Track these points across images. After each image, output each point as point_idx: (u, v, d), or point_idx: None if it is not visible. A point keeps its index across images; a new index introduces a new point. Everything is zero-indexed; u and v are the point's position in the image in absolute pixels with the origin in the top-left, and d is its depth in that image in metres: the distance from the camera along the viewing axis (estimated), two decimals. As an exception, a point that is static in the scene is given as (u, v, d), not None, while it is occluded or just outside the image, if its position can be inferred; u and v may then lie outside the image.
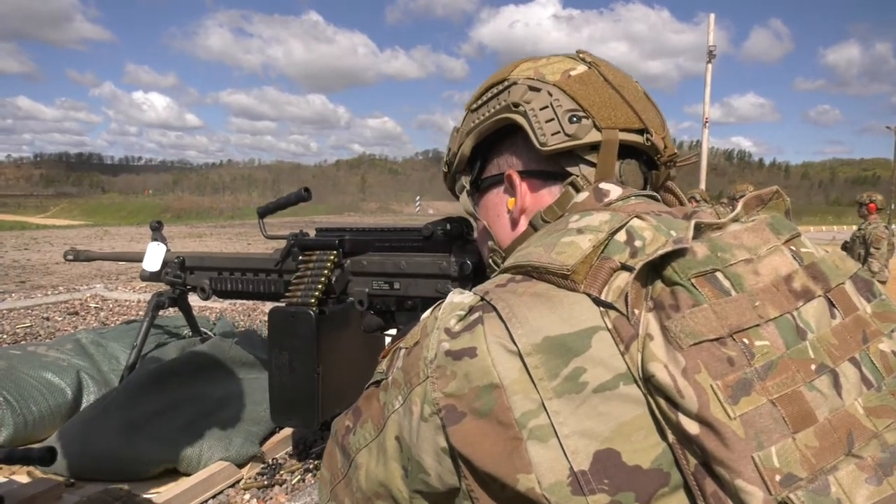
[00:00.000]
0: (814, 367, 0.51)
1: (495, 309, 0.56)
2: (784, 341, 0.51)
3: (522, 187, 0.75)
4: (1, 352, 2.14)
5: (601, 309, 0.53)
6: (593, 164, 0.72)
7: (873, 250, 5.48)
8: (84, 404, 1.98)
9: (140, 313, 3.89)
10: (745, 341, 0.50)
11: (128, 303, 4.53)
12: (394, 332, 1.38)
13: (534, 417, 0.51)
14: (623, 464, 0.49)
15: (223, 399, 1.91)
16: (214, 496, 1.59)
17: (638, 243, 0.58)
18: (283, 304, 1.42)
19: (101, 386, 2.05)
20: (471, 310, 0.58)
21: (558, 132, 0.71)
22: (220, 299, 2.10)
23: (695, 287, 0.52)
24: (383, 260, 1.39)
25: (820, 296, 0.55)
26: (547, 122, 0.72)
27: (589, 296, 0.54)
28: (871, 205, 5.67)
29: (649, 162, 0.77)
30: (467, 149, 0.82)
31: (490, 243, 0.81)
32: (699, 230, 0.56)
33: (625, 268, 0.56)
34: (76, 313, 4.06)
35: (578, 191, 0.70)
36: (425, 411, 0.57)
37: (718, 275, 0.53)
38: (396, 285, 1.38)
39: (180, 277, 1.97)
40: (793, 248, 0.58)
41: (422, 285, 1.33)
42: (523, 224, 0.76)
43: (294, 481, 1.71)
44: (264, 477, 1.72)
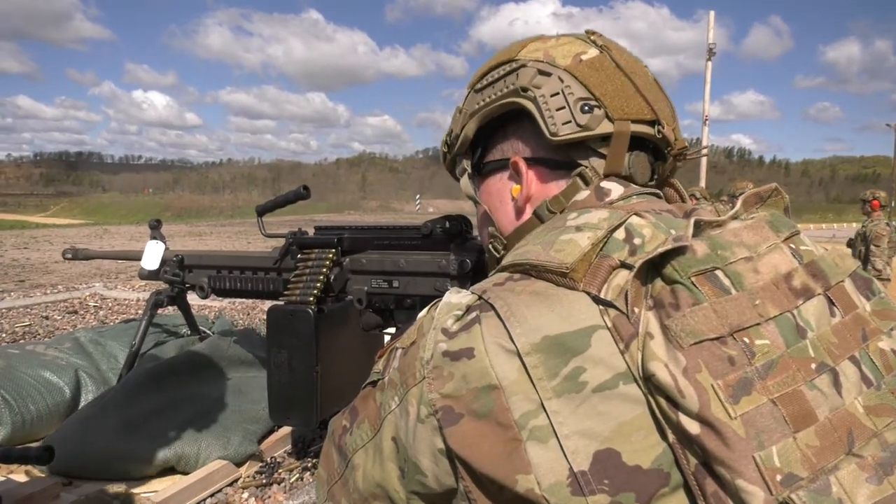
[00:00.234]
0: (814, 365, 0.50)
1: (493, 307, 0.55)
2: (784, 340, 0.51)
3: (529, 175, 0.73)
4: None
5: (601, 307, 0.53)
6: (603, 156, 0.70)
7: (874, 247, 5.49)
8: (82, 403, 1.97)
9: (139, 312, 3.88)
10: (746, 340, 0.50)
11: (127, 301, 4.53)
12: (392, 331, 1.38)
13: (533, 418, 0.51)
14: (623, 464, 0.49)
15: (221, 398, 1.90)
16: (212, 495, 1.59)
17: (637, 241, 0.57)
18: (282, 302, 1.42)
19: (99, 385, 2.04)
20: (468, 309, 0.58)
21: (569, 121, 0.68)
22: (218, 298, 2.09)
23: (695, 285, 0.51)
24: (382, 258, 1.39)
25: (820, 294, 0.55)
26: (558, 110, 0.69)
27: (588, 294, 0.54)
28: (875, 202, 5.68)
29: (656, 151, 0.75)
30: (470, 131, 0.78)
31: (490, 229, 0.79)
32: (699, 228, 0.56)
33: (624, 266, 0.55)
34: (75, 312, 4.05)
35: (587, 182, 0.69)
36: (422, 412, 0.57)
37: (718, 273, 0.53)
38: (395, 283, 1.37)
39: (179, 276, 1.97)
40: (792, 245, 0.58)
41: (421, 283, 1.33)
42: (528, 213, 0.74)
43: (292, 480, 1.70)
44: (263, 476, 1.71)
